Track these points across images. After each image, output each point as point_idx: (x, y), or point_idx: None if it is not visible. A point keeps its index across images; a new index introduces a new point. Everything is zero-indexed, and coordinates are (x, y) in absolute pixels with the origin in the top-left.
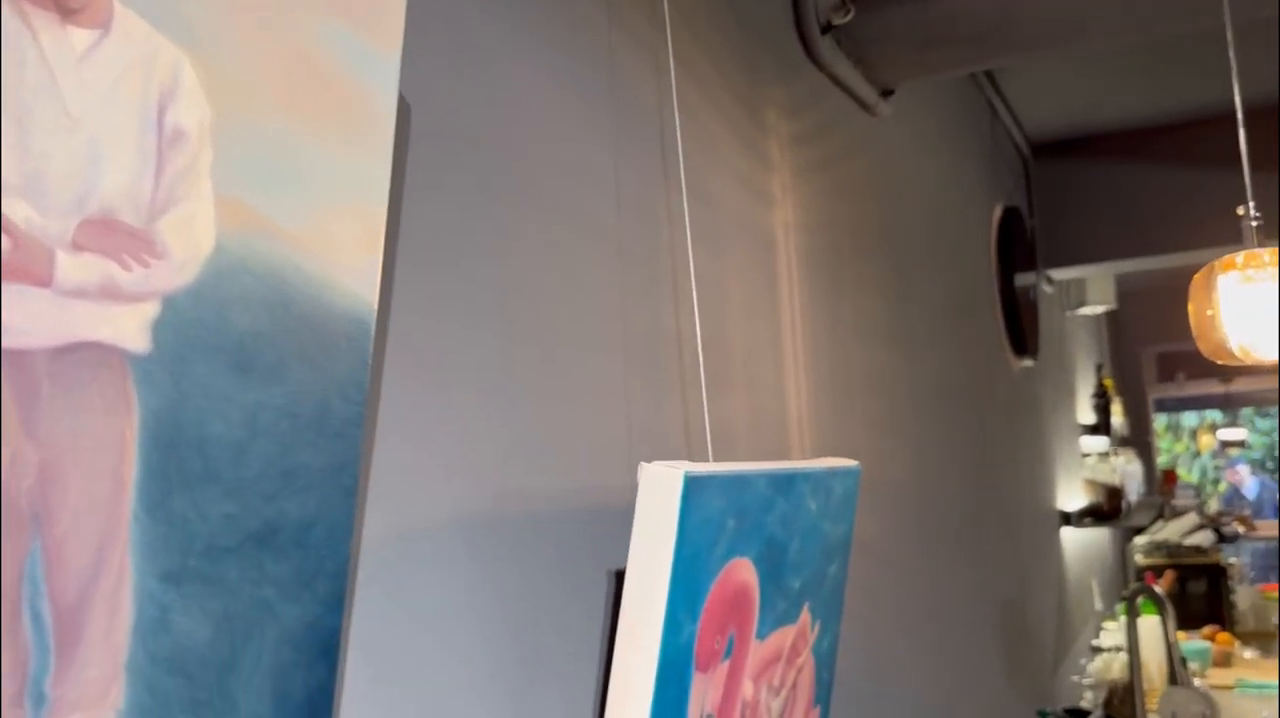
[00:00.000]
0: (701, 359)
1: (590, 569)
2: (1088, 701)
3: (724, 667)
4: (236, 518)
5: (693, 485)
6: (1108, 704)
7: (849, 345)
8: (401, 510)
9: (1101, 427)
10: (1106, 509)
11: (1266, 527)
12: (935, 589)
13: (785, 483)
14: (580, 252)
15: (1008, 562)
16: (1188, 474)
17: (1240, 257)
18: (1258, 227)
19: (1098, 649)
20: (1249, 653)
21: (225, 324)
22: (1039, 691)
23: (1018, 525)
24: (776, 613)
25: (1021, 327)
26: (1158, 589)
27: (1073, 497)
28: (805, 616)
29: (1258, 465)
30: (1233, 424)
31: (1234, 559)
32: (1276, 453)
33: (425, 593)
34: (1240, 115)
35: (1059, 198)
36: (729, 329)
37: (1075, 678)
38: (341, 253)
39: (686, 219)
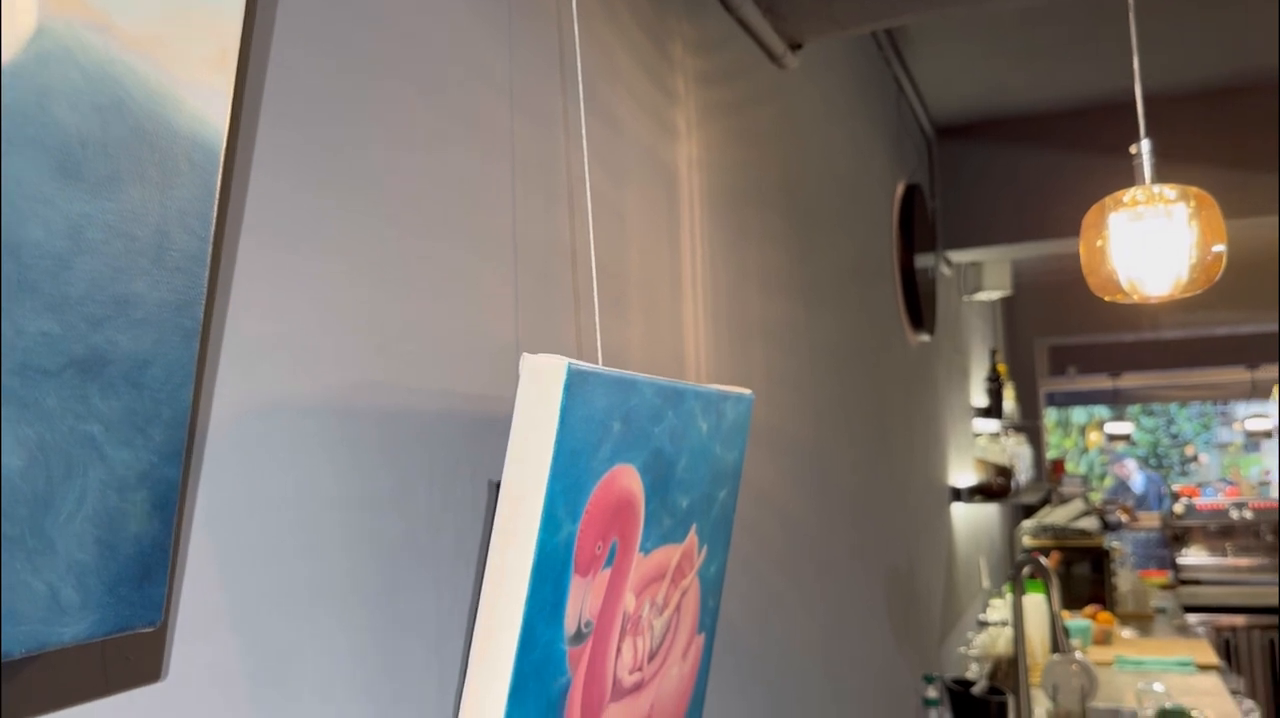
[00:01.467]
0: (595, 279)
1: (468, 477)
2: (974, 672)
3: (605, 574)
4: (57, 339)
5: (576, 379)
6: (993, 676)
7: (750, 293)
8: (258, 385)
9: (994, 410)
10: (996, 488)
11: (1149, 518)
12: (826, 547)
13: (675, 397)
14: (469, 147)
15: (898, 529)
16: (1075, 468)
17: (1131, 193)
18: (1150, 164)
19: (984, 624)
20: (1127, 632)
21: (47, 117)
22: (926, 659)
23: (909, 495)
24: (662, 529)
25: (919, 302)
26: (1043, 561)
27: (964, 474)
28: (692, 537)
29: (1143, 462)
30: (1120, 419)
31: (1116, 544)
32: (1159, 449)
33: (283, 477)
34: (1136, 58)
35: (960, 180)
36: (627, 255)
37: (962, 650)
38: (187, 66)
39: (584, 131)
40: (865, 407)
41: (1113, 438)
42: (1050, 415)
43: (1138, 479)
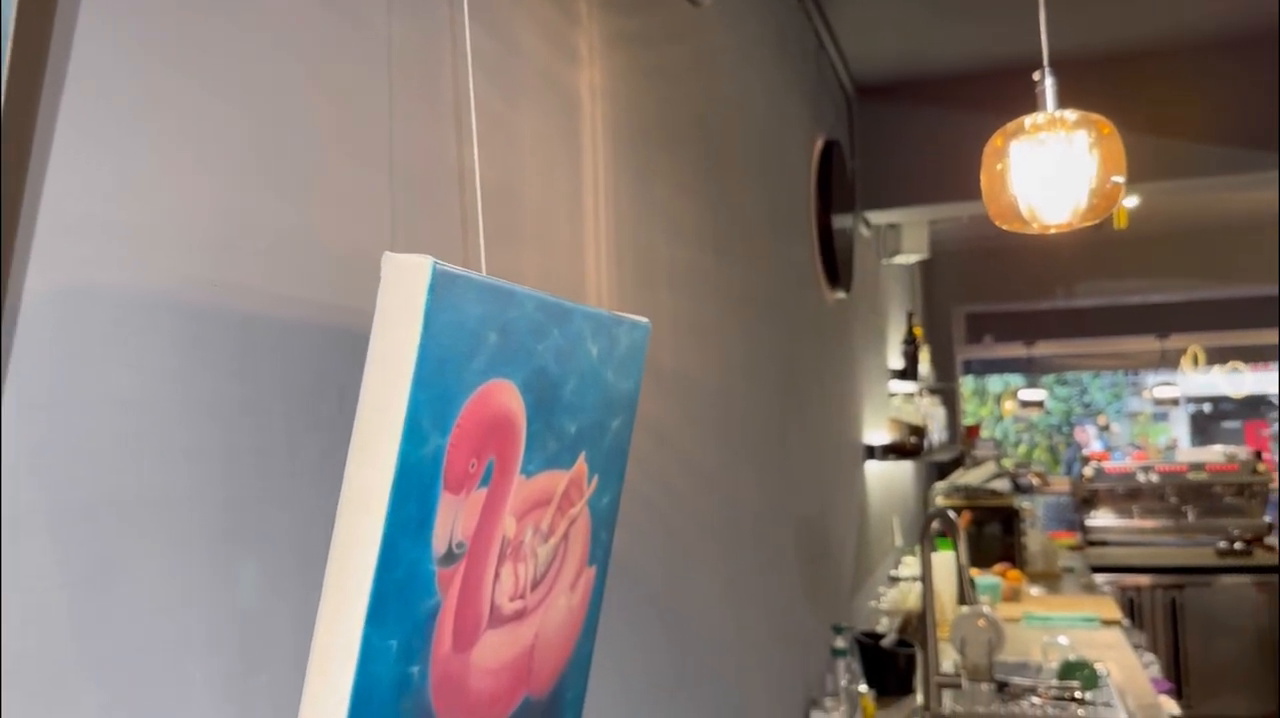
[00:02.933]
0: (480, 199)
1: (335, 396)
2: (884, 626)
3: (480, 494)
4: None
5: (443, 280)
6: (902, 630)
7: (657, 235)
8: (85, 271)
9: (910, 372)
10: (909, 447)
11: (1060, 482)
12: (734, 495)
13: (561, 314)
14: (337, 40)
15: (810, 482)
16: (992, 434)
17: (1033, 117)
18: (1052, 91)
19: (896, 579)
20: (1035, 590)
21: None
22: (836, 611)
23: (822, 449)
24: (547, 453)
25: (836, 260)
26: (952, 515)
27: (878, 433)
28: (581, 465)
29: (1055, 430)
30: (1034, 387)
31: (1026, 504)
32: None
33: (112, 375)
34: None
35: (880, 140)
36: (522, 182)
37: (873, 604)
38: None
39: (468, 39)
40: (778, 359)
41: (1025, 404)
42: (968, 384)
43: (1096, 446)
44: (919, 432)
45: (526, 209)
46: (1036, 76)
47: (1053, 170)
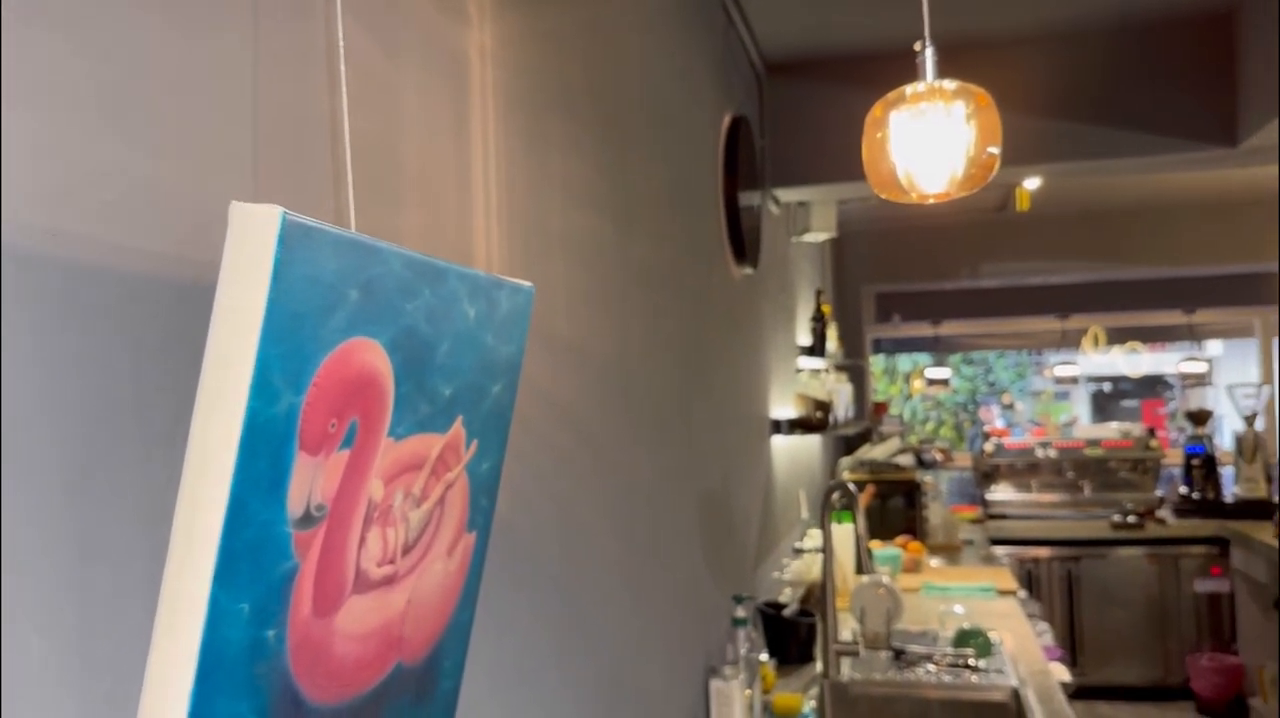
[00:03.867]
0: (350, 156)
1: (184, 350)
2: (787, 596)
3: (343, 456)
4: None
5: (294, 231)
6: (805, 600)
7: (552, 203)
8: None
9: (817, 349)
10: (815, 422)
11: (963, 458)
12: (634, 467)
13: (433, 274)
14: None
15: (714, 455)
16: (900, 412)
17: (913, 87)
18: (932, 61)
19: (800, 551)
20: (935, 561)
21: None
22: (739, 582)
23: (727, 423)
24: (419, 416)
25: (742, 235)
26: (851, 487)
27: (785, 408)
28: (458, 429)
29: (961, 408)
30: (941, 366)
31: (928, 478)
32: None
33: None
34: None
35: (790, 118)
36: (403, 140)
37: (776, 575)
38: None
39: None
40: (681, 332)
41: (932, 383)
42: (879, 363)
43: (998, 423)
44: (825, 407)
45: (408, 170)
46: (917, 47)
47: (930, 139)
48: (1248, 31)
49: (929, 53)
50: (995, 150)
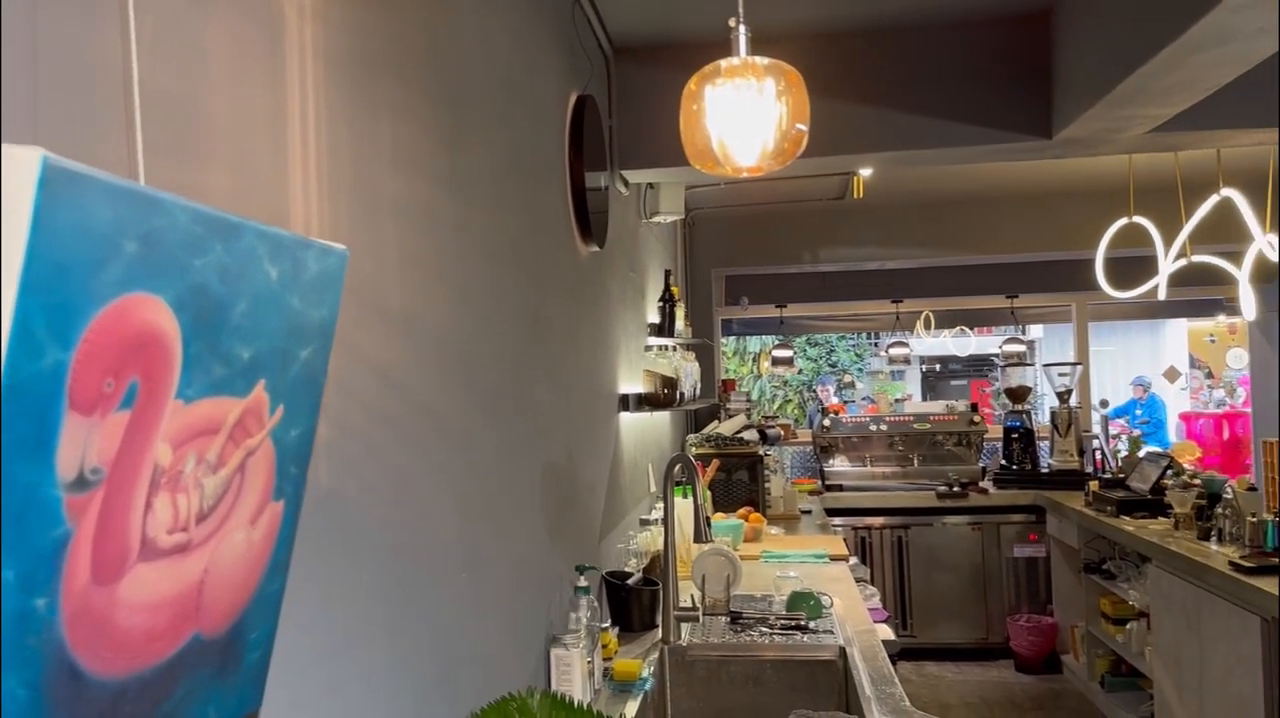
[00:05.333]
0: (139, 108)
1: None
2: (632, 566)
3: (121, 417)
4: None
5: (58, 176)
6: (650, 569)
7: (381, 169)
8: None
9: (666, 328)
10: (662, 398)
11: (805, 434)
12: (473, 440)
13: (227, 230)
14: None
15: (559, 430)
16: (749, 391)
17: (726, 63)
18: (745, 38)
19: (647, 523)
20: (775, 530)
21: None
22: (585, 554)
23: (573, 398)
24: (212, 378)
25: (588, 213)
26: (691, 459)
27: (634, 384)
28: (260, 394)
29: (805, 387)
30: (785, 347)
31: (770, 452)
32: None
33: None
34: None
35: (638, 100)
36: (208, 95)
37: (621, 546)
38: None
39: None
40: (525, 305)
41: (777, 363)
42: (731, 344)
43: (835, 400)
44: (672, 384)
45: (214, 126)
46: (732, 23)
47: (743, 114)
48: (1062, 28)
49: (742, 29)
50: (803, 127)
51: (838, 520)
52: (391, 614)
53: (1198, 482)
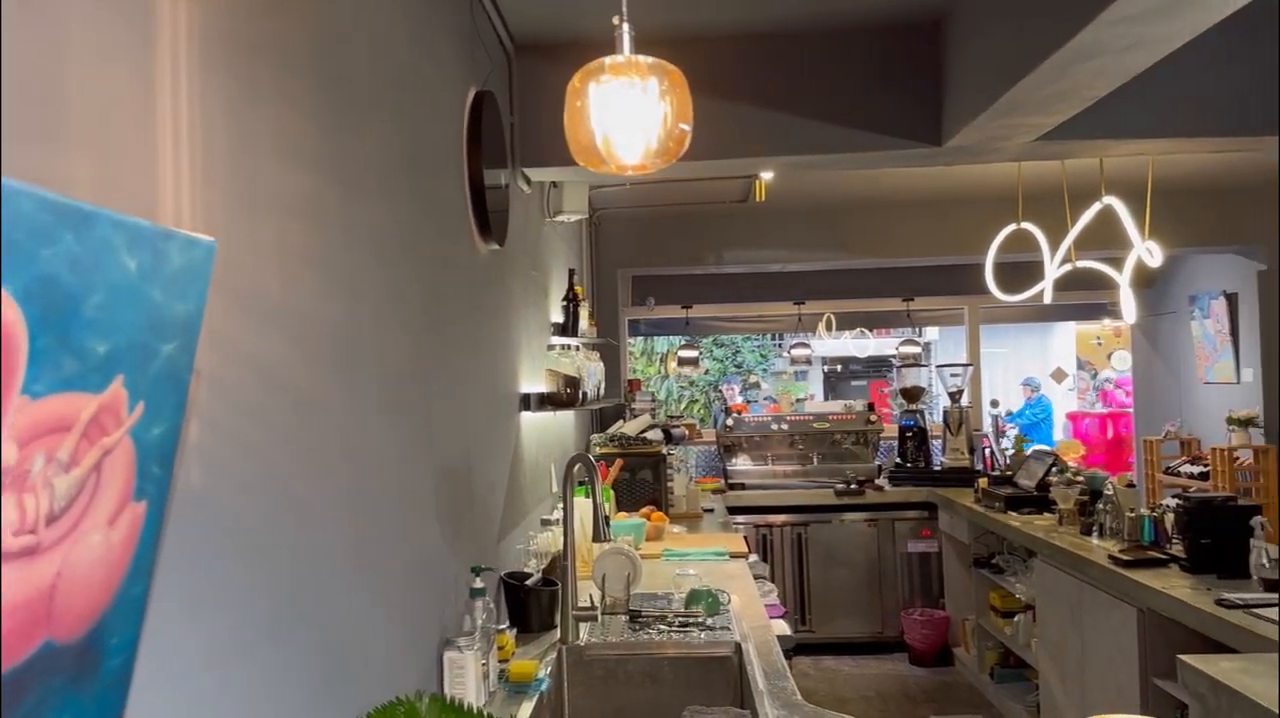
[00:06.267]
0: None
1: None
2: (532, 567)
3: None
4: None
5: None
6: (550, 570)
7: (263, 158)
8: None
9: (570, 327)
10: (564, 398)
11: (709, 434)
12: (362, 440)
13: (78, 219)
14: None
15: (456, 430)
16: (656, 391)
17: (611, 60)
18: (629, 37)
19: (549, 523)
20: (677, 529)
21: None
22: (483, 555)
23: (471, 397)
24: (63, 373)
25: (488, 212)
26: (591, 458)
27: (535, 383)
28: (117, 390)
29: (712, 387)
30: (691, 347)
31: (673, 452)
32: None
33: None
34: None
35: (539, 98)
36: (68, 76)
37: (521, 547)
38: None
39: None
40: (419, 302)
41: (683, 363)
42: (639, 344)
43: (739, 400)
44: (574, 384)
45: (75, 110)
46: (616, 21)
47: (627, 112)
48: (953, 38)
49: (626, 27)
50: (686, 127)
51: (740, 518)
52: (273, 618)
53: (1080, 479)
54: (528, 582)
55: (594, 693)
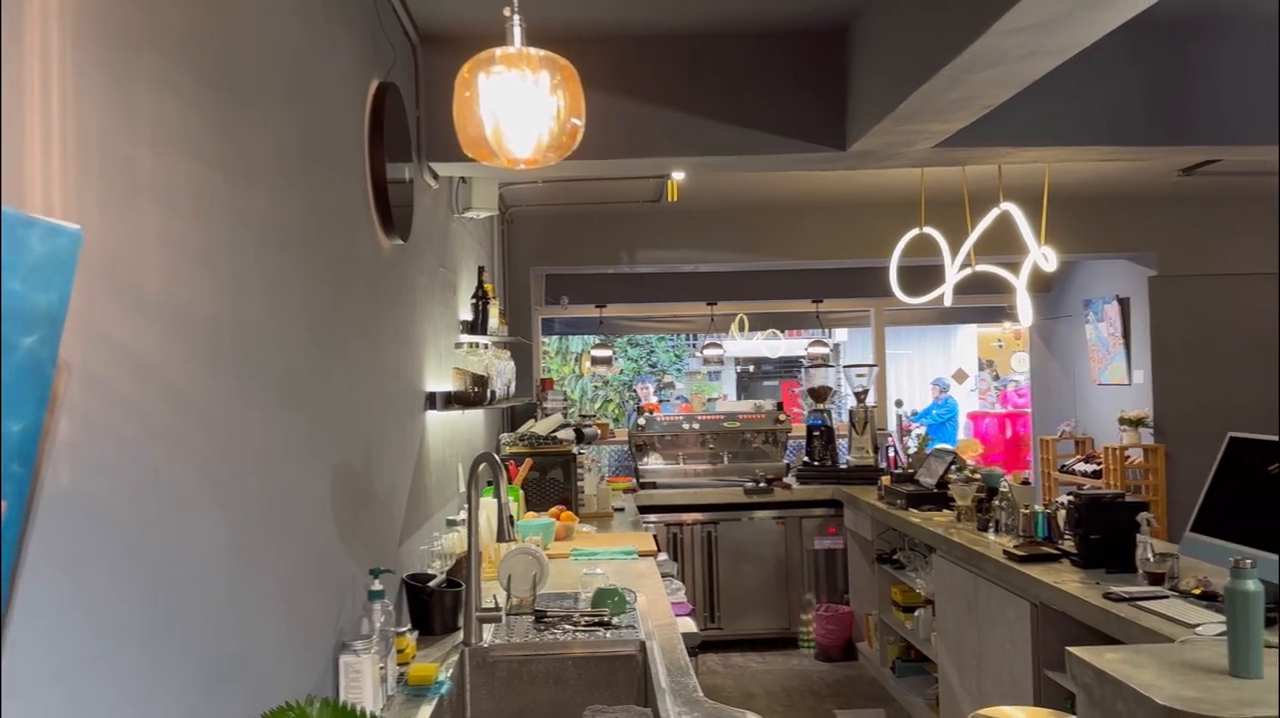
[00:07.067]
0: None
1: None
2: (436, 568)
3: None
4: None
5: None
6: (455, 571)
7: (141, 146)
8: None
9: (479, 325)
10: (472, 397)
11: (622, 433)
12: (249, 438)
13: None
14: None
15: (355, 428)
16: (571, 391)
17: (501, 51)
18: (520, 29)
19: (454, 524)
20: (587, 528)
21: None
22: (384, 557)
23: (371, 395)
24: None
25: (390, 206)
26: (496, 458)
27: (442, 382)
28: None
29: (626, 387)
30: (605, 346)
31: (583, 451)
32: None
33: None
34: None
35: (446, 92)
36: None
37: (425, 548)
38: None
39: None
40: (316, 297)
41: (596, 362)
42: (553, 343)
43: (653, 399)
44: (483, 382)
45: None
46: (507, 12)
47: (517, 105)
48: (857, 44)
49: (517, 19)
50: (579, 122)
51: (652, 518)
52: (149, 622)
53: (978, 477)
54: (431, 583)
55: (496, 695)
